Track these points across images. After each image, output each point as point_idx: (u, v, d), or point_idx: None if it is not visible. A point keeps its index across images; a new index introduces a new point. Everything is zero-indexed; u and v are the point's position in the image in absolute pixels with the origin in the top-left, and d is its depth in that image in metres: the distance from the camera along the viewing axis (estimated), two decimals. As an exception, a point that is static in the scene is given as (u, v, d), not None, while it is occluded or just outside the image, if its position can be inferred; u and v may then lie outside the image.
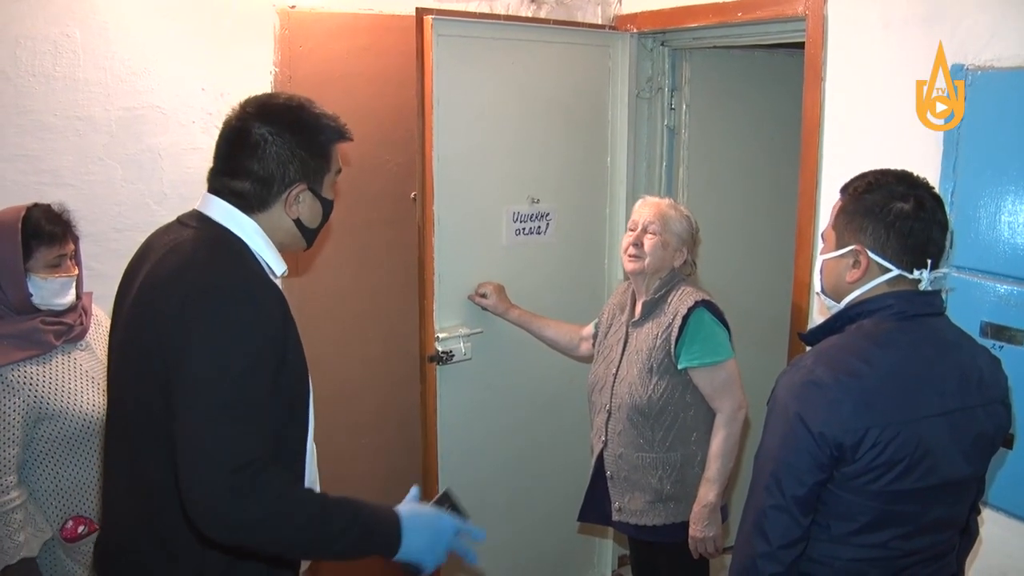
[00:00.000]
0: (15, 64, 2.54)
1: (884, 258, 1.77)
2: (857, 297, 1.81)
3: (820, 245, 1.99)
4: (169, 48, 2.76)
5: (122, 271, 1.84)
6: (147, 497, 1.70)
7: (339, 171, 1.86)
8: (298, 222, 1.80)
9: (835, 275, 1.86)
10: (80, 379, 2.34)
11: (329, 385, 3.17)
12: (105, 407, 1.99)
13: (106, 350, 2.01)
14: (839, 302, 1.86)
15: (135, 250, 1.85)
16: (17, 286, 2.23)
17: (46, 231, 2.27)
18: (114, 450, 1.82)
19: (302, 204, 1.78)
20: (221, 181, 1.75)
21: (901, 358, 1.73)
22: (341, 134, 1.82)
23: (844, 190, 1.85)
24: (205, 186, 1.79)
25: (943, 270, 1.82)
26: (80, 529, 2.34)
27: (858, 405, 1.67)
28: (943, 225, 1.79)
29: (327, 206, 1.85)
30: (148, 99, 2.75)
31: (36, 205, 2.30)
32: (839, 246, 1.83)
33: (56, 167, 2.64)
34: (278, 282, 1.79)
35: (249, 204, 1.74)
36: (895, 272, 1.77)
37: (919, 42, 2.38)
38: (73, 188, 2.65)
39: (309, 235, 1.86)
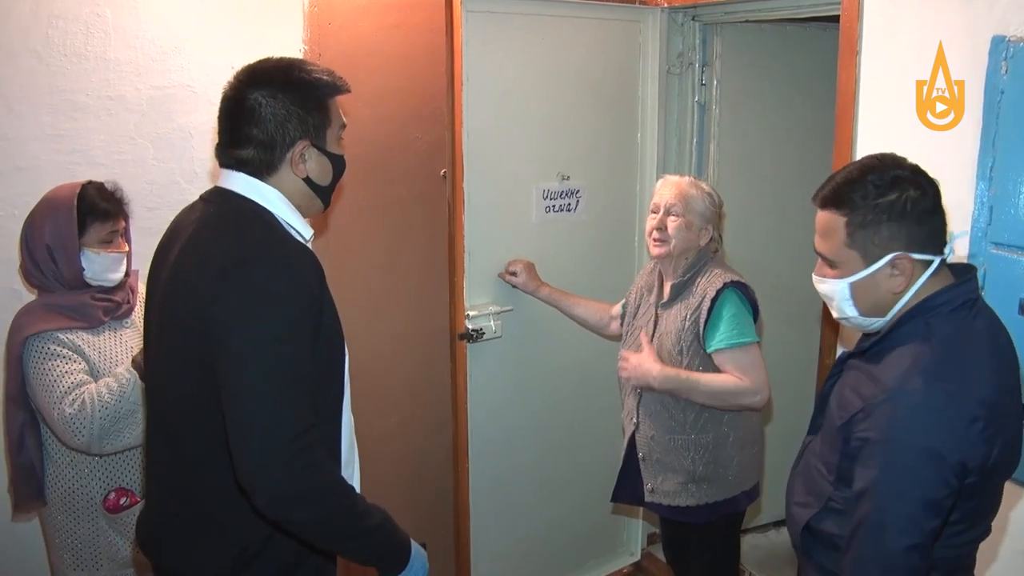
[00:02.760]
0: (47, 44, 2.55)
1: (923, 252, 1.69)
2: (907, 303, 1.72)
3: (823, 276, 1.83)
4: (199, 27, 2.76)
5: (153, 248, 1.86)
6: (188, 472, 1.73)
7: (343, 126, 1.86)
8: (309, 181, 1.80)
9: (874, 293, 1.74)
10: (126, 354, 2.41)
11: (359, 363, 3.16)
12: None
13: None
14: (883, 316, 1.76)
15: (166, 228, 1.86)
16: (71, 260, 2.30)
17: (100, 208, 2.35)
18: (154, 426, 1.85)
19: (309, 162, 1.78)
20: (227, 154, 1.77)
21: (990, 353, 1.68)
22: (336, 87, 1.81)
23: (836, 204, 1.72)
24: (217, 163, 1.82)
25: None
26: (122, 501, 2.40)
27: (988, 421, 1.58)
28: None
29: (336, 161, 1.84)
30: (178, 78, 2.76)
31: (91, 182, 2.37)
32: (869, 262, 1.71)
33: (88, 146, 2.65)
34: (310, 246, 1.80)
35: (257, 170, 1.75)
36: (936, 261, 1.70)
37: (959, 13, 2.33)
38: (105, 167, 2.66)
39: (323, 193, 1.86)
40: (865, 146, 2.61)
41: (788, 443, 3.63)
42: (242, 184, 1.75)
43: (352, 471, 1.94)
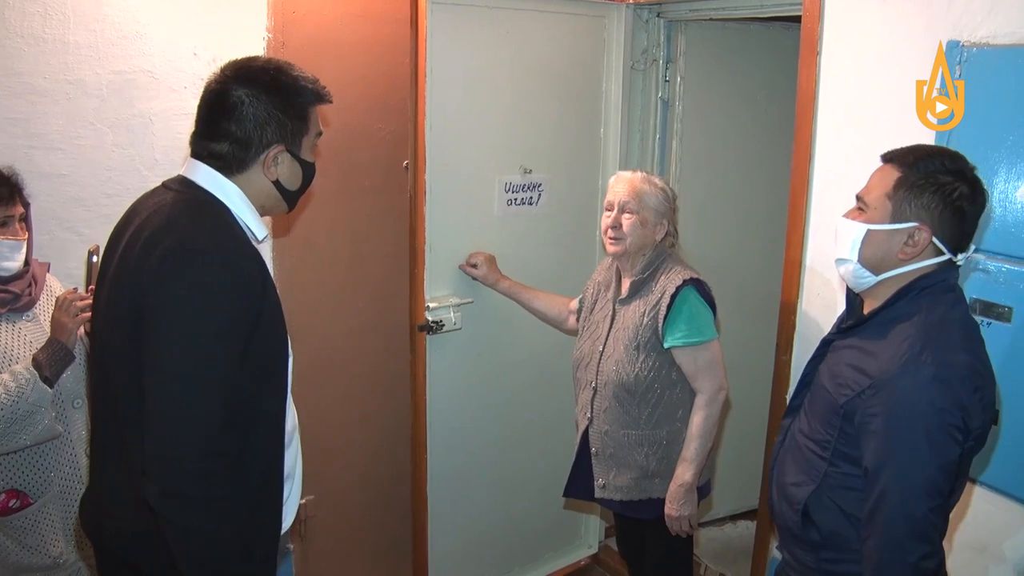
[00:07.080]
0: (4, 26, 2.51)
1: (942, 241, 1.78)
2: (906, 273, 1.82)
3: (849, 209, 1.93)
4: (161, 12, 2.72)
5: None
6: (128, 454, 1.71)
7: (319, 134, 1.89)
8: (278, 184, 1.83)
9: (883, 248, 1.83)
10: (22, 349, 2.30)
11: (318, 353, 3.17)
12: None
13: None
14: (875, 276, 1.86)
15: (124, 214, 1.86)
16: None
17: None
18: (100, 411, 1.85)
19: (281, 166, 1.81)
20: (202, 144, 1.79)
21: (975, 330, 1.81)
22: (320, 96, 1.84)
23: (901, 161, 1.82)
24: (189, 151, 1.82)
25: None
26: (12, 503, 2.29)
27: (984, 391, 1.73)
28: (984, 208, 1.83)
29: (307, 168, 1.87)
30: (139, 63, 2.72)
31: None
32: (896, 219, 1.80)
33: (46, 131, 2.61)
34: (267, 245, 1.80)
35: (228, 166, 1.77)
36: (946, 256, 1.80)
37: (915, 15, 2.36)
38: (63, 152, 2.63)
39: (290, 197, 1.88)
40: (824, 144, 2.65)
41: (745, 437, 3.68)
42: (205, 177, 1.77)
43: (295, 466, 1.95)
